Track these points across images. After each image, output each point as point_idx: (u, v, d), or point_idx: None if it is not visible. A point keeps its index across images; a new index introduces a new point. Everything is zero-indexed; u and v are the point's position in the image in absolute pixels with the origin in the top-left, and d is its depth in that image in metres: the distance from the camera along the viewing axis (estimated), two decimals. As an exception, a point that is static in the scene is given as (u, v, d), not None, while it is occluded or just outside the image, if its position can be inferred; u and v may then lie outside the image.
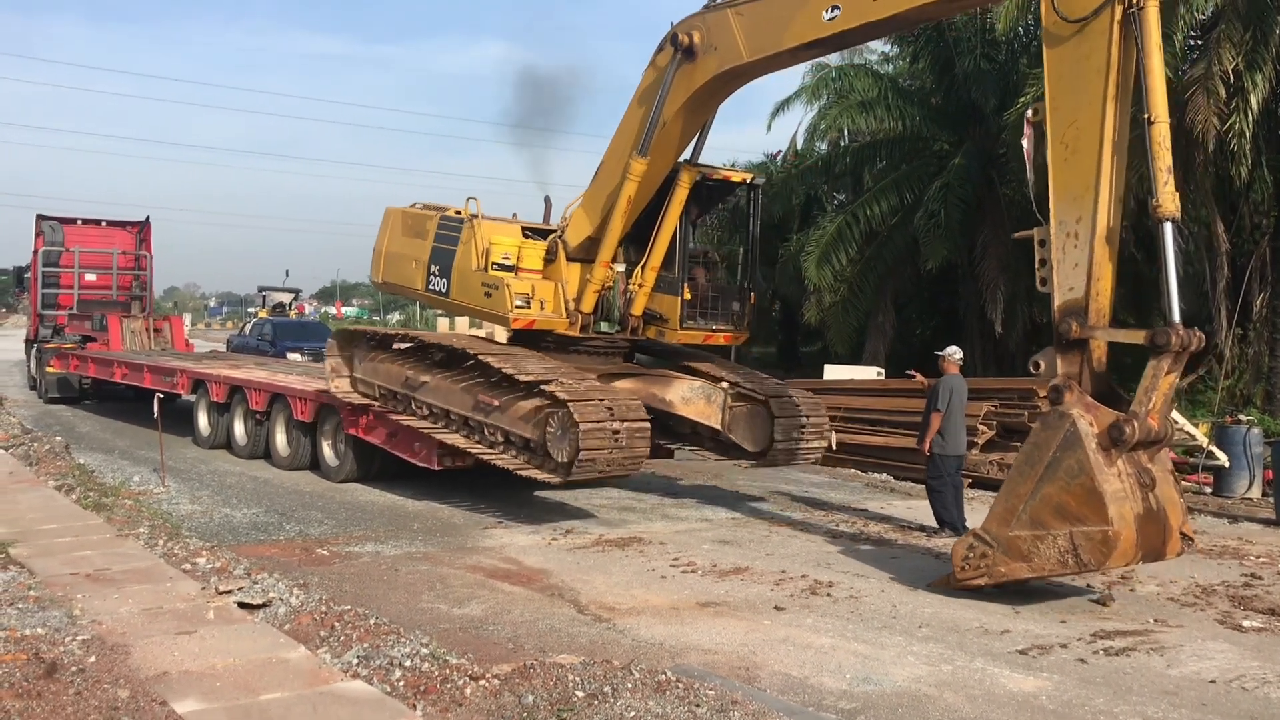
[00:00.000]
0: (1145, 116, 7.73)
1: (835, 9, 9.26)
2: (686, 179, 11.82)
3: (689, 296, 12.21)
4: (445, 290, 12.92)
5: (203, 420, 16.11)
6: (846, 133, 26.38)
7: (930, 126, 23.68)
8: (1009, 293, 20.72)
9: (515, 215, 13.44)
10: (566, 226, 12.38)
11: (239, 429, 15.24)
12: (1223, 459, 14.56)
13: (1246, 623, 7.91)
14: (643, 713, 5.37)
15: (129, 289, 24.31)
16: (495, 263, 12.29)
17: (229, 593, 7.36)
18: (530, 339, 12.29)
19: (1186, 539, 8.31)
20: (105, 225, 24.88)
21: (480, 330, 21.49)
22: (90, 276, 23.91)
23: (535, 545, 10.06)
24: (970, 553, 8.16)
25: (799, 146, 29.94)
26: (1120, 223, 8.05)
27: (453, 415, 11.53)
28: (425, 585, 8.42)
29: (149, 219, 24.74)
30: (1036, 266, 8.36)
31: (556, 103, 15.24)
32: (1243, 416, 15.89)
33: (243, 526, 10.55)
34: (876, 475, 15.10)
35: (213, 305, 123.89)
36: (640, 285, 12.12)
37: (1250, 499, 14.16)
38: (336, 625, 6.76)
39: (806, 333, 30.22)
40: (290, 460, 14.11)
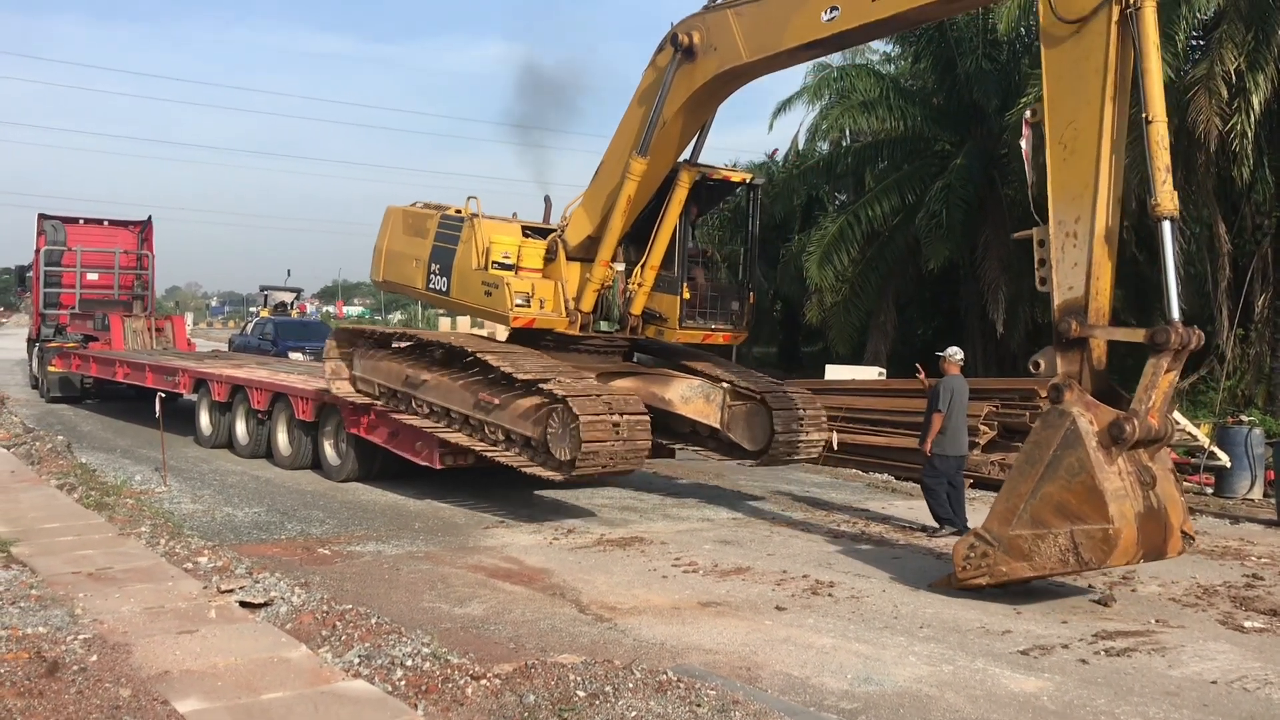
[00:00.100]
0: (1143, 116, 7.74)
1: (834, 10, 9.27)
2: (686, 179, 11.84)
3: (688, 296, 12.24)
4: (445, 289, 12.94)
5: (204, 419, 16.13)
6: (848, 133, 26.38)
7: (932, 127, 23.67)
8: (1010, 293, 20.72)
9: (515, 214, 13.46)
10: (566, 226, 12.39)
11: (241, 428, 15.26)
12: (1224, 459, 14.55)
13: (1248, 623, 7.91)
14: (644, 712, 5.37)
15: (131, 288, 24.33)
16: (495, 262, 12.31)
17: (230, 592, 7.37)
18: (530, 338, 12.30)
19: (1187, 537, 8.31)
20: (107, 225, 24.90)
21: (482, 330, 21.50)
22: (92, 276, 23.91)
23: (537, 545, 10.06)
24: (971, 552, 8.17)
25: (800, 147, 29.95)
26: (1119, 222, 8.06)
27: (453, 413, 11.54)
28: (427, 585, 8.42)
29: (151, 218, 24.78)
30: (1036, 266, 8.37)
31: (557, 102, 15.29)
32: (1244, 417, 15.89)
33: (244, 526, 10.56)
34: (878, 475, 15.10)
35: (214, 305, 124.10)
36: (640, 284, 12.14)
37: (1252, 500, 14.16)
38: (338, 624, 6.76)
39: (808, 333, 30.23)
40: (292, 459, 14.12)
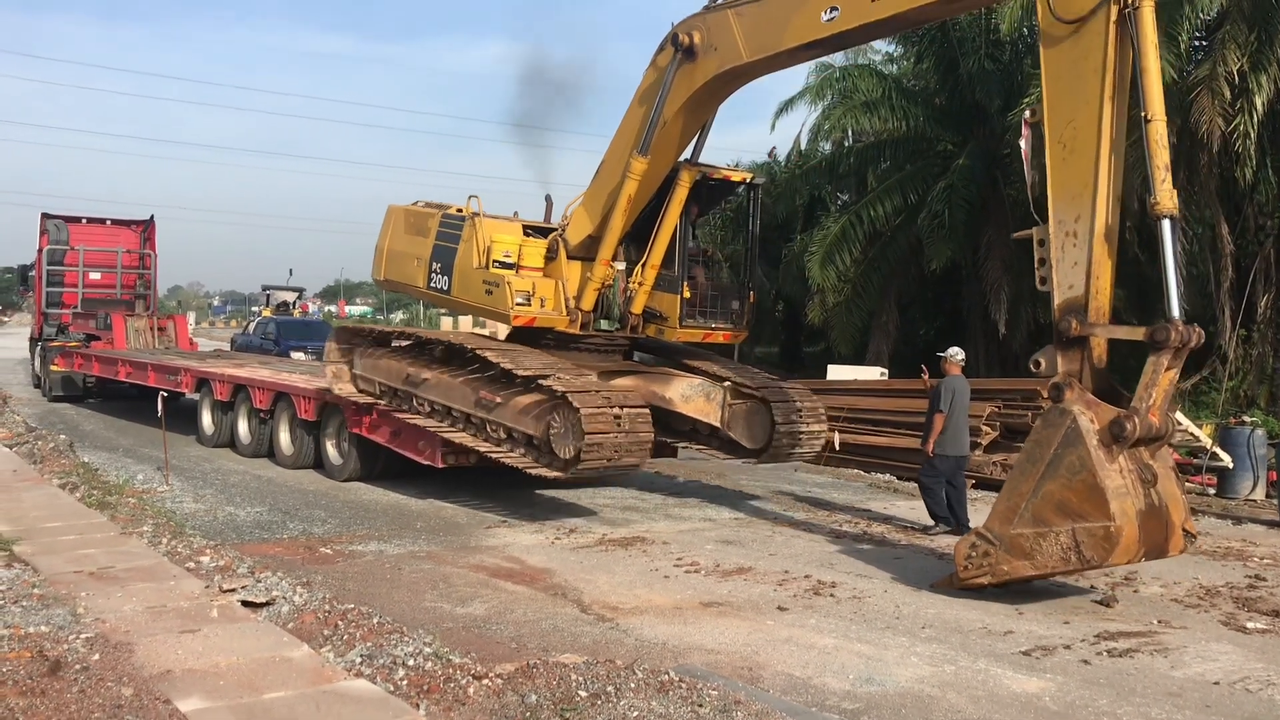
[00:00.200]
0: (1143, 115, 7.75)
1: (834, 10, 9.27)
2: (687, 178, 11.85)
3: (689, 295, 12.25)
4: (446, 288, 12.95)
5: (207, 419, 16.14)
6: (850, 133, 26.37)
7: (934, 127, 23.65)
8: (1013, 293, 20.71)
9: (516, 214, 13.47)
10: (567, 225, 12.40)
11: (243, 427, 15.27)
12: (1226, 460, 14.53)
13: (1250, 624, 7.90)
14: (646, 713, 5.37)
15: (133, 288, 24.34)
16: (496, 260, 12.32)
17: (232, 591, 7.36)
18: (531, 336, 12.31)
19: (1189, 535, 8.30)
20: (110, 224, 24.90)
21: (484, 329, 21.50)
22: (95, 275, 23.90)
23: (538, 544, 10.06)
24: (973, 552, 8.16)
25: (803, 147, 29.93)
26: (1119, 221, 8.06)
27: (454, 412, 11.54)
28: (428, 584, 8.43)
29: (153, 218, 24.77)
30: (1036, 265, 8.38)
31: (559, 101, 15.25)
32: (1247, 418, 15.87)
33: (246, 525, 10.56)
34: (880, 476, 15.09)
35: (217, 304, 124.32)
36: (640, 283, 12.15)
37: (1254, 500, 14.14)
38: (340, 624, 6.76)
39: (810, 333, 30.22)
40: (294, 459, 14.12)
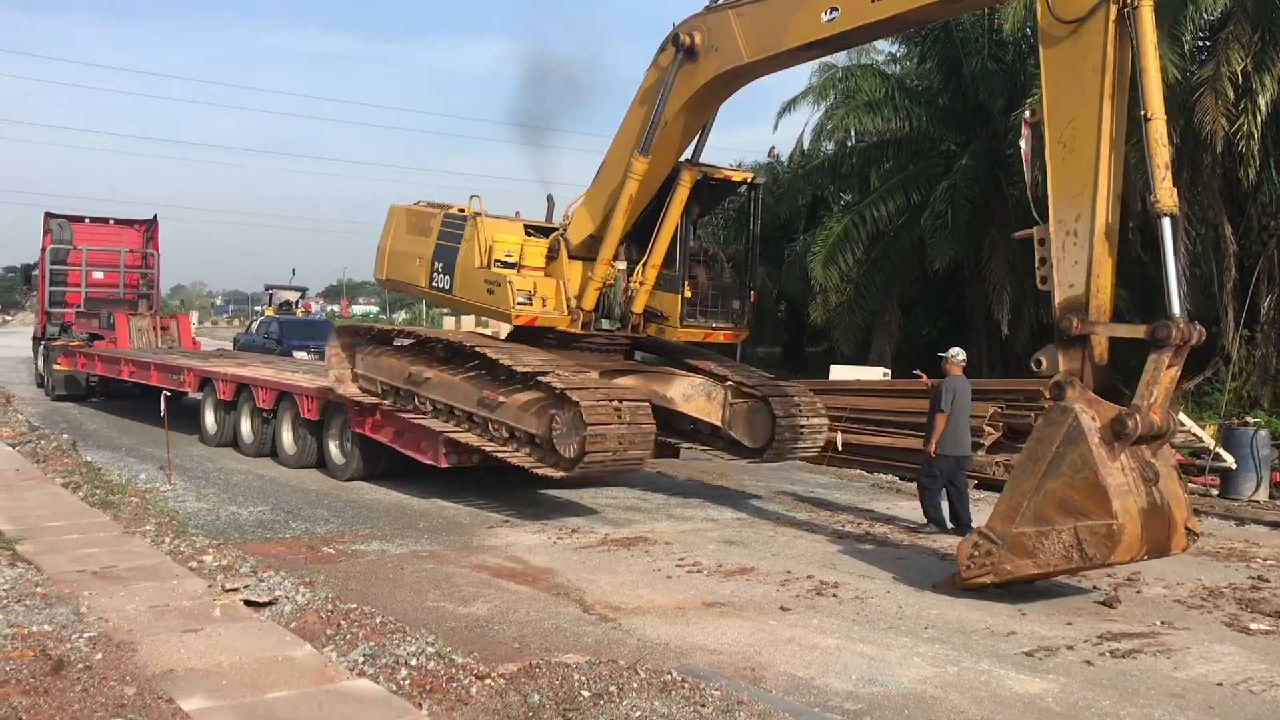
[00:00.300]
0: (1142, 114, 7.75)
1: (834, 10, 9.28)
2: (688, 178, 11.86)
3: (689, 294, 12.27)
4: (448, 287, 12.96)
5: (209, 418, 16.15)
6: (853, 133, 26.32)
7: (937, 127, 23.63)
8: (1016, 293, 20.69)
9: (518, 213, 13.47)
10: (569, 225, 12.41)
11: (246, 427, 15.27)
12: (1230, 461, 14.51)
13: (1254, 625, 7.89)
14: (648, 713, 5.37)
15: (136, 287, 24.36)
16: (498, 260, 12.33)
17: (235, 590, 7.37)
18: (532, 336, 12.32)
19: (1191, 533, 8.29)
20: (113, 223, 24.93)
21: (486, 329, 21.50)
22: (98, 274, 23.94)
23: (541, 544, 10.06)
24: (975, 551, 8.15)
25: (805, 146, 29.91)
26: (1119, 220, 8.06)
27: (456, 411, 11.55)
28: (431, 584, 8.43)
29: (156, 217, 24.81)
30: (1037, 265, 8.39)
31: (558, 101, 15.28)
32: (1250, 418, 15.86)
33: (249, 524, 10.57)
34: (882, 476, 15.08)
35: (219, 303, 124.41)
36: (641, 283, 12.16)
37: (1257, 501, 14.12)
38: (342, 623, 6.76)
39: (812, 333, 30.22)
40: (297, 458, 14.13)
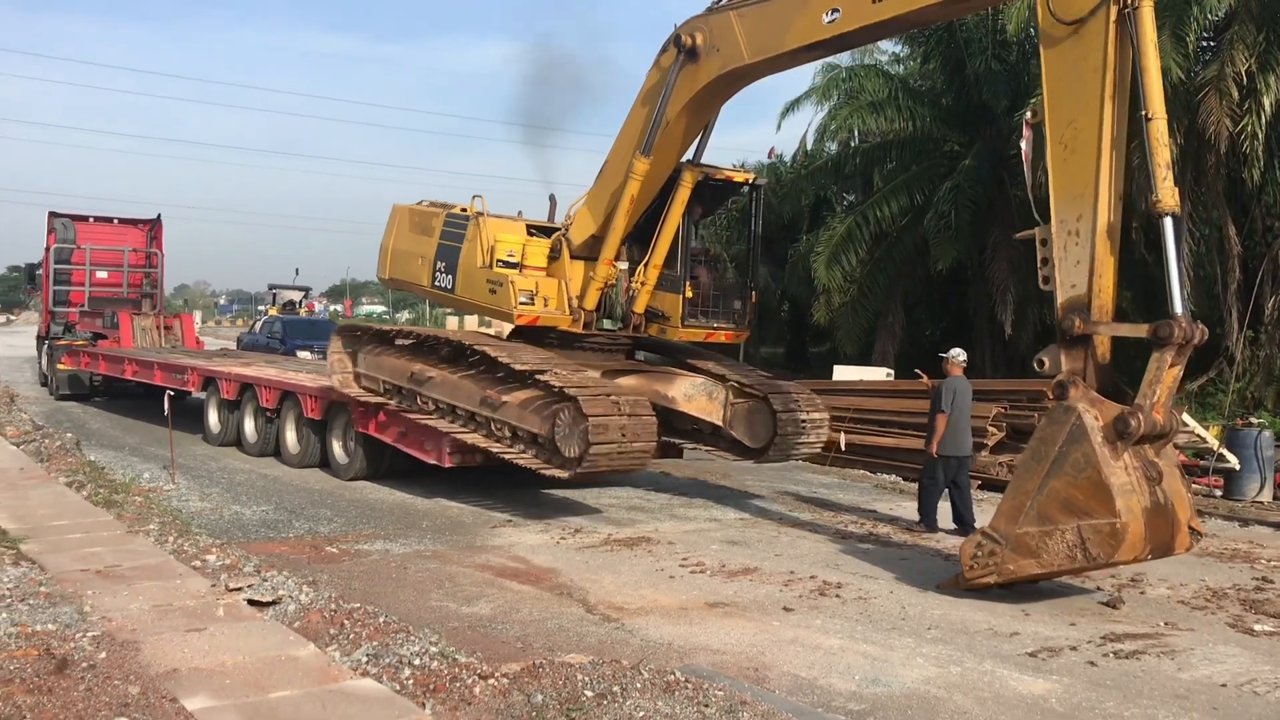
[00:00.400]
0: (1143, 114, 7.75)
1: (835, 11, 9.29)
2: (689, 178, 11.89)
3: (691, 295, 12.29)
4: (451, 287, 12.98)
5: (213, 417, 16.17)
6: (856, 133, 26.35)
7: (941, 127, 23.62)
8: (1019, 294, 20.67)
9: (520, 213, 13.50)
10: (570, 225, 12.43)
11: (249, 426, 15.29)
12: (1233, 462, 14.48)
13: (1258, 626, 7.88)
14: (652, 713, 5.37)
15: (140, 286, 24.38)
16: (500, 260, 12.35)
17: (239, 590, 7.38)
18: (534, 335, 12.34)
19: (1195, 533, 8.28)
20: (117, 223, 24.95)
21: (490, 329, 21.52)
22: (101, 274, 23.95)
23: (544, 544, 10.06)
24: (979, 551, 8.15)
25: (809, 147, 29.92)
26: (1121, 220, 8.06)
27: (459, 410, 11.55)
28: (434, 583, 8.43)
29: (160, 216, 24.82)
30: (1039, 265, 8.40)
31: (560, 100, 15.30)
32: (1254, 419, 15.83)
33: (252, 524, 10.58)
34: (886, 476, 15.06)
35: (223, 303, 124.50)
36: (643, 283, 12.19)
37: (1261, 502, 14.09)
38: (346, 623, 6.77)
39: (815, 333, 30.22)
40: (300, 458, 14.14)
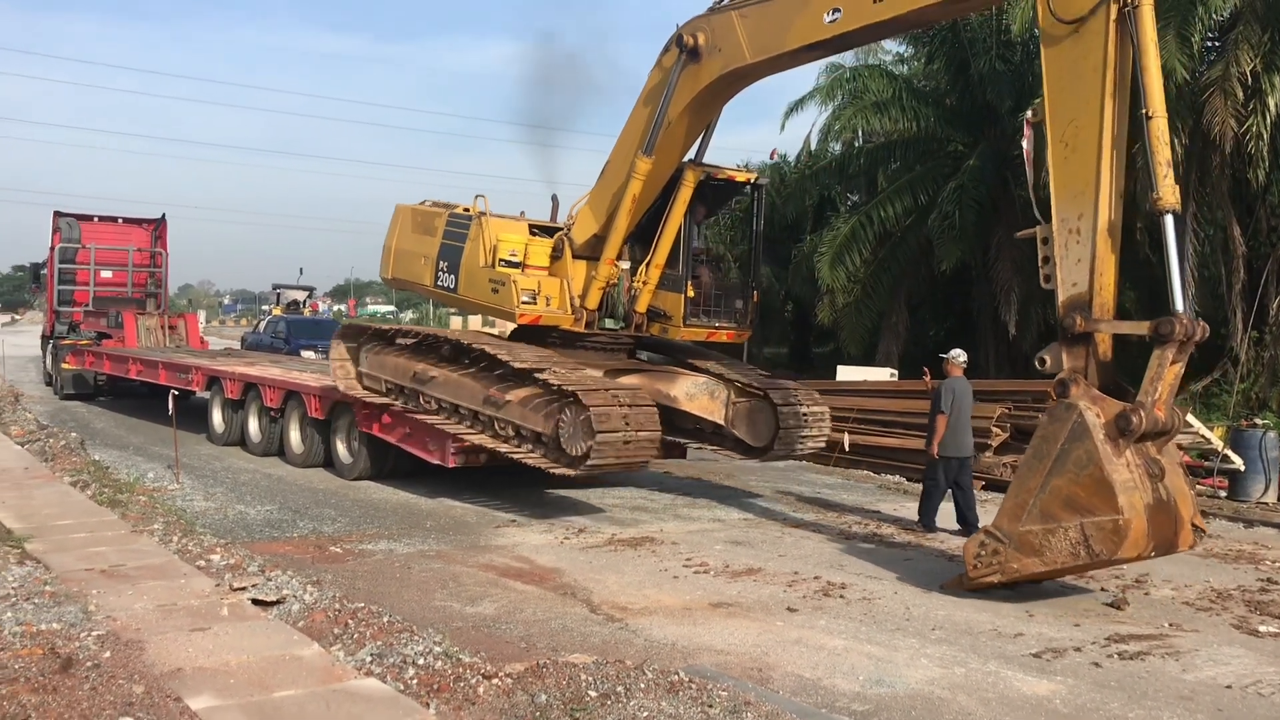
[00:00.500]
0: (1143, 112, 7.75)
1: (837, 11, 9.30)
2: (691, 178, 11.90)
3: (692, 294, 12.31)
4: (453, 286, 13.00)
5: (217, 417, 16.20)
6: (861, 133, 26.34)
7: (945, 127, 23.60)
8: (1023, 294, 20.64)
9: (523, 213, 13.51)
10: (573, 224, 12.44)
11: (253, 426, 15.31)
12: (1238, 463, 14.47)
13: (1263, 628, 7.86)
14: (655, 713, 5.36)
15: (144, 286, 24.43)
16: (502, 259, 12.37)
17: (243, 589, 7.39)
18: (536, 334, 12.36)
19: (1198, 530, 8.26)
20: (121, 222, 25.00)
21: (494, 329, 21.53)
22: (106, 273, 23.99)
23: (548, 544, 10.07)
24: (982, 550, 8.13)
25: (813, 147, 29.90)
26: (1121, 218, 8.05)
27: (462, 409, 11.57)
28: (438, 583, 8.44)
29: (165, 216, 24.86)
30: (1040, 264, 8.40)
31: (563, 100, 15.27)
32: (1259, 420, 15.80)
33: (256, 523, 10.59)
34: (889, 477, 15.05)
35: (227, 302, 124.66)
36: (645, 282, 12.21)
37: (1266, 503, 14.07)
38: (350, 623, 6.77)
39: (819, 333, 30.18)
40: (304, 457, 14.16)
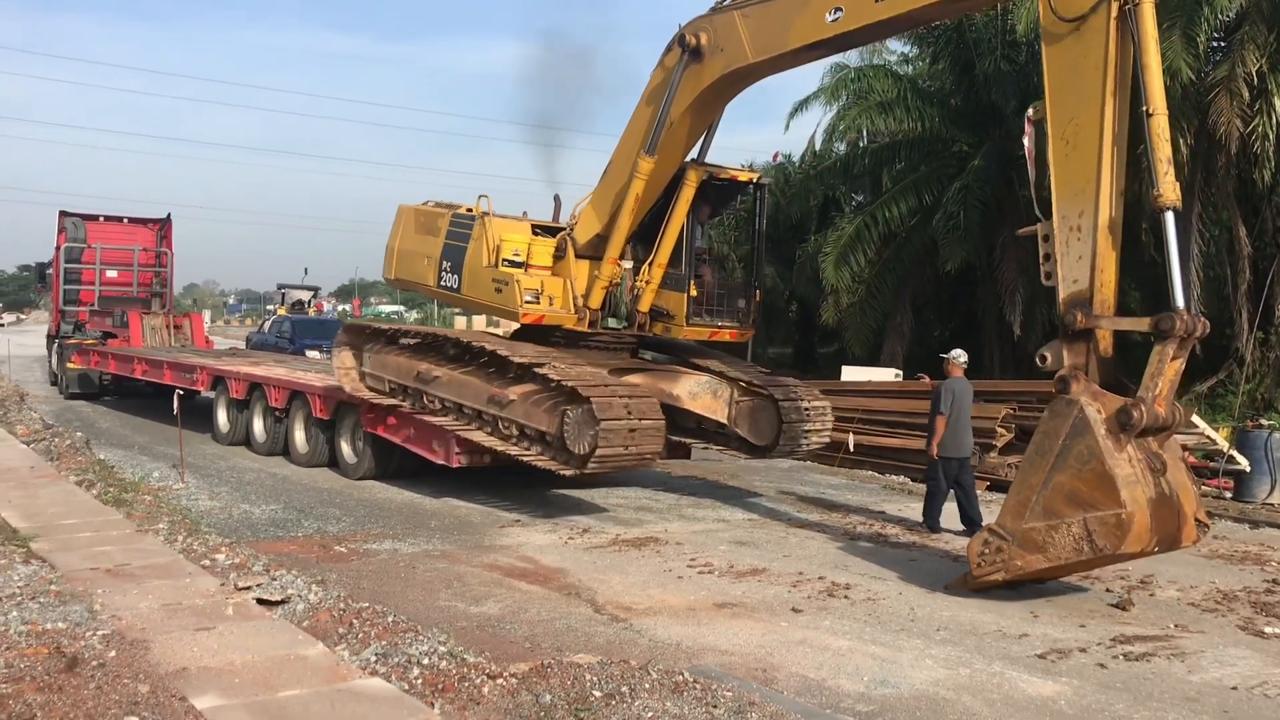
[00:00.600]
0: (1144, 109, 7.76)
1: (838, 11, 9.30)
2: (693, 178, 11.90)
3: (695, 293, 12.32)
4: (456, 286, 13.01)
5: (222, 417, 16.20)
6: (865, 134, 26.31)
7: (950, 128, 23.60)
8: (1028, 294, 20.63)
9: (525, 213, 13.52)
10: (575, 224, 12.45)
11: (258, 426, 15.32)
12: (1243, 463, 14.45)
13: (1268, 629, 7.84)
14: (660, 713, 5.36)
15: (150, 286, 24.48)
16: (505, 259, 12.38)
17: (248, 589, 7.40)
18: (539, 334, 12.37)
19: (1202, 525, 8.24)
20: (127, 222, 25.05)
21: (498, 329, 21.55)
22: (111, 273, 24.03)
23: (552, 544, 10.07)
24: (986, 548, 8.12)
25: (817, 147, 29.89)
26: (1122, 215, 8.05)
27: (466, 409, 11.57)
28: (443, 583, 8.44)
29: (170, 216, 24.91)
30: (1041, 261, 8.40)
31: (565, 100, 15.27)
32: (1264, 421, 15.78)
33: (261, 523, 10.60)
34: (894, 477, 15.03)
35: (232, 302, 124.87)
36: (647, 282, 12.21)
37: (1271, 504, 14.04)
38: (355, 622, 6.78)
39: (824, 334, 30.19)
40: (309, 457, 14.17)
